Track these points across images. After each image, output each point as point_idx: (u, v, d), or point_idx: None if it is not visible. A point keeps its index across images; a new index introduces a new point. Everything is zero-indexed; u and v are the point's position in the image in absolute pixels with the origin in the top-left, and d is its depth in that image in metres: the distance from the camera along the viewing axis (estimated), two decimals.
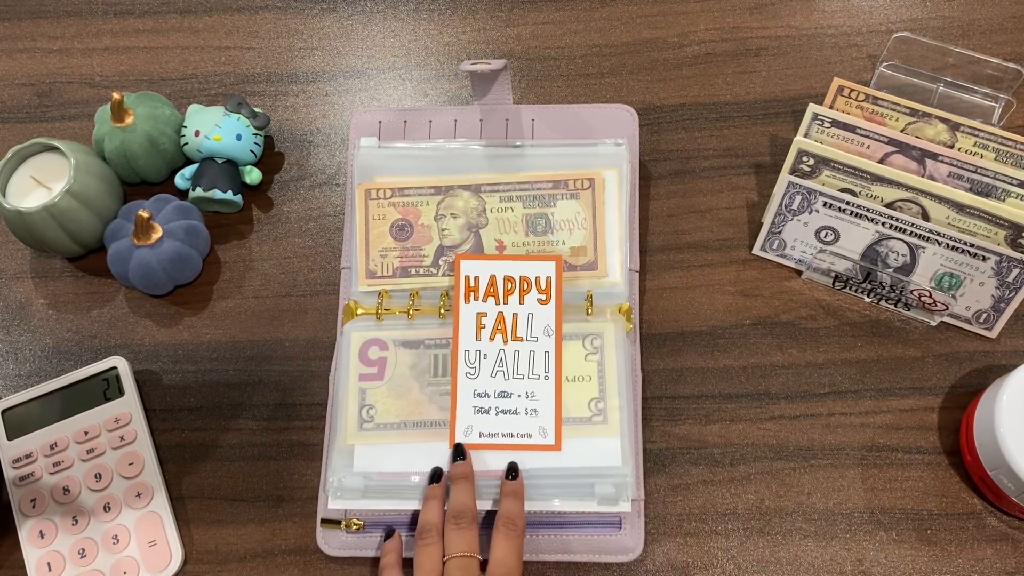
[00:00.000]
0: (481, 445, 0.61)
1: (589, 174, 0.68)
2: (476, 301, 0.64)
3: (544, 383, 0.62)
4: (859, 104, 0.69)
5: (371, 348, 0.65)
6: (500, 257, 0.65)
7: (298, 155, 0.77)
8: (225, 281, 0.72)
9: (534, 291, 0.64)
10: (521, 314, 0.64)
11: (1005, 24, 0.78)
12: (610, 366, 0.63)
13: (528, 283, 0.64)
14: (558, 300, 0.64)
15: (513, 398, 0.62)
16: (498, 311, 0.64)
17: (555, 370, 0.63)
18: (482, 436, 0.61)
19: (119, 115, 0.70)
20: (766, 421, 0.65)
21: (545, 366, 0.63)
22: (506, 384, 0.62)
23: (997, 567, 0.60)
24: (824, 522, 0.62)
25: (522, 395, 0.62)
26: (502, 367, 0.63)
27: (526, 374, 0.63)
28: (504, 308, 0.64)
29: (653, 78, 0.78)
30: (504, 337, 0.63)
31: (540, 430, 0.61)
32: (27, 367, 0.70)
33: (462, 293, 0.64)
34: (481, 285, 0.64)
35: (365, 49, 0.81)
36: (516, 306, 0.64)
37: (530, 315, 0.64)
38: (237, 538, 0.64)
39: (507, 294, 0.64)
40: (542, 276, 0.64)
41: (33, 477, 0.64)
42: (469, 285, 0.64)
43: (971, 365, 0.66)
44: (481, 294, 0.64)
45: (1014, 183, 0.64)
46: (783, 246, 0.69)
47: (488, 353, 0.63)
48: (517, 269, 0.65)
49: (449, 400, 0.63)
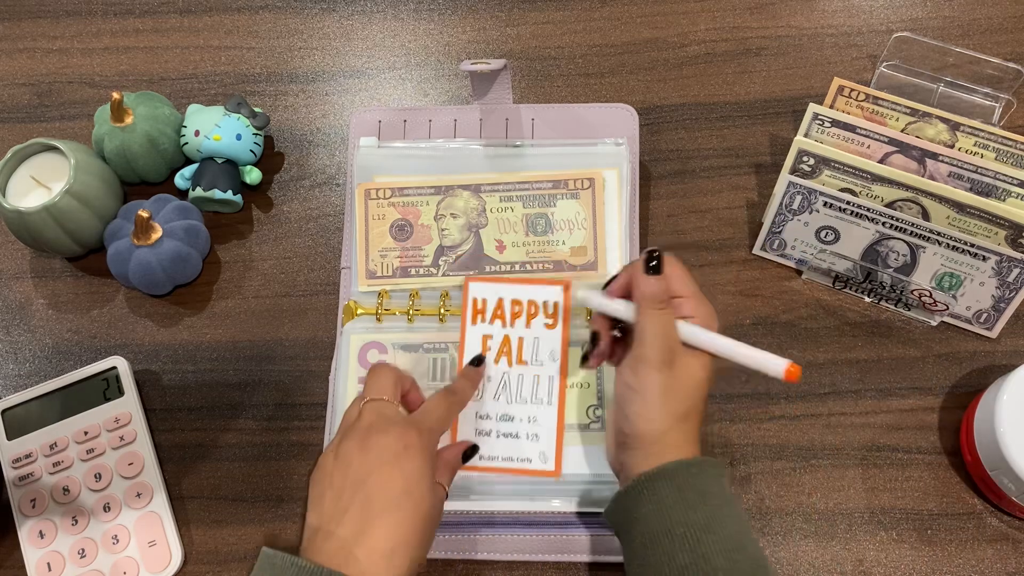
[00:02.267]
0: (481, 468, 0.61)
1: (589, 174, 0.68)
2: (483, 323, 0.64)
3: (547, 408, 0.62)
4: (859, 104, 0.69)
5: (370, 350, 0.65)
6: (508, 280, 0.65)
7: (298, 155, 0.77)
8: (225, 281, 0.72)
9: (541, 315, 0.64)
10: (527, 338, 0.63)
11: (1005, 24, 0.78)
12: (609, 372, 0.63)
13: (536, 307, 0.64)
14: (565, 325, 0.63)
15: (515, 422, 0.62)
16: (504, 334, 0.63)
17: (559, 396, 0.62)
18: (482, 459, 0.61)
19: (119, 115, 0.70)
20: (766, 421, 0.65)
21: (549, 391, 0.62)
22: (509, 407, 0.62)
23: (997, 567, 0.60)
24: (824, 522, 0.62)
25: (524, 419, 0.62)
26: (506, 390, 0.62)
27: (529, 398, 0.62)
28: (510, 331, 0.64)
29: (653, 78, 0.78)
30: (509, 360, 0.63)
31: (541, 455, 0.61)
32: (27, 367, 0.70)
33: (469, 315, 0.64)
34: (488, 307, 0.64)
35: (365, 49, 0.81)
36: (522, 330, 0.63)
37: (536, 339, 0.63)
38: (237, 538, 0.64)
39: (514, 317, 0.64)
40: (550, 301, 0.64)
41: (33, 477, 0.64)
42: (476, 307, 0.64)
43: (971, 365, 0.66)
44: (488, 316, 0.64)
45: (1014, 183, 0.64)
46: (783, 246, 0.69)
47: (492, 375, 0.63)
48: (525, 293, 0.64)
49: None
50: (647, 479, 0.50)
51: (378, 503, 0.49)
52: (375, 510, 0.49)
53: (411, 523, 0.50)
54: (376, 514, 0.49)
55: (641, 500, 0.50)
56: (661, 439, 0.51)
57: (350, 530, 0.49)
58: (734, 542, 0.48)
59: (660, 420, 0.51)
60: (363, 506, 0.49)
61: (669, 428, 0.51)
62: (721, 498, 0.50)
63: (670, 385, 0.52)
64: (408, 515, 0.50)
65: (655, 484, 0.50)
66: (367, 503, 0.49)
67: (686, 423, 0.52)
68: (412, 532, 0.50)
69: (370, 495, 0.50)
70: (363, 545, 0.48)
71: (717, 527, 0.48)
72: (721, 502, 0.50)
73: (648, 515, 0.50)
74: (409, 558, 0.49)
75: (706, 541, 0.47)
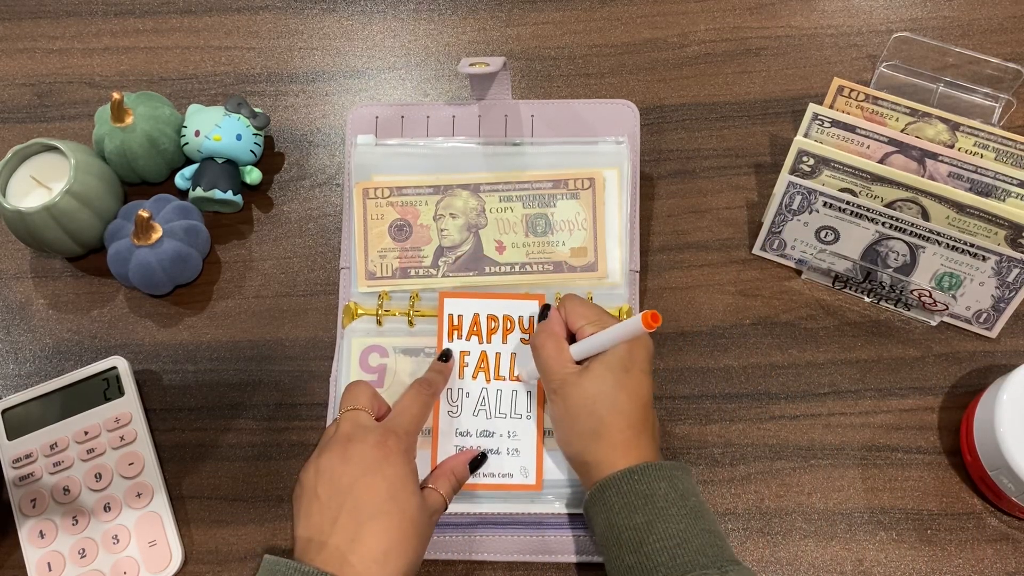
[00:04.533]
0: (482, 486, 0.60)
1: (589, 174, 0.68)
2: (459, 340, 0.64)
3: (526, 422, 0.62)
4: (859, 104, 0.69)
5: (371, 355, 0.65)
6: (484, 296, 0.65)
7: (298, 155, 0.77)
8: (225, 281, 0.72)
9: (517, 331, 0.64)
10: (504, 353, 0.63)
11: (1005, 24, 0.78)
12: None
13: (511, 322, 0.64)
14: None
15: (495, 437, 0.61)
16: (481, 350, 0.63)
17: (536, 410, 0.62)
18: (483, 476, 0.60)
19: (119, 115, 0.70)
20: (766, 421, 0.65)
21: (528, 406, 0.62)
22: (488, 423, 0.62)
23: (997, 567, 0.60)
24: (824, 522, 0.62)
25: (504, 434, 0.61)
26: (484, 406, 0.62)
27: (508, 413, 0.62)
28: (487, 347, 0.63)
29: (653, 78, 0.78)
30: (487, 376, 0.63)
31: (522, 470, 0.61)
32: (27, 367, 0.70)
33: (445, 332, 0.64)
34: (465, 323, 0.64)
35: (365, 49, 0.81)
36: (499, 345, 0.63)
37: (513, 355, 0.63)
38: (237, 538, 0.64)
39: (490, 333, 0.64)
40: (525, 315, 0.64)
41: (33, 477, 0.64)
42: (452, 323, 0.64)
43: (971, 365, 0.66)
44: (464, 333, 0.64)
45: (1014, 183, 0.64)
46: (783, 246, 0.69)
47: (471, 392, 0.62)
48: (501, 308, 0.64)
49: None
50: (597, 490, 0.53)
51: (366, 510, 0.51)
52: (364, 517, 0.50)
53: (399, 527, 0.51)
54: (365, 520, 0.50)
55: (594, 511, 0.54)
56: (595, 457, 0.54)
57: (342, 538, 0.50)
58: (677, 539, 0.50)
59: (574, 444, 0.56)
60: (352, 514, 0.50)
61: (585, 448, 0.55)
62: (668, 498, 0.52)
63: (566, 411, 0.56)
64: (396, 520, 0.51)
65: (604, 494, 0.53)
66: (355, 511, 0.50)
67: (611, 435, 0.54)
68: (402, 536, 0.51)
69: (358, 503, 0.51)
70: (356, 552, 0.49)
71: (660, 526, 0.50)
72: (667, 503, 0.51)
73: (601, 523, 0.53)
74: (402, 561, 0.50)
75: (648, 541, 0.50)
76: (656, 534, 0.50)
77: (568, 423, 0.55)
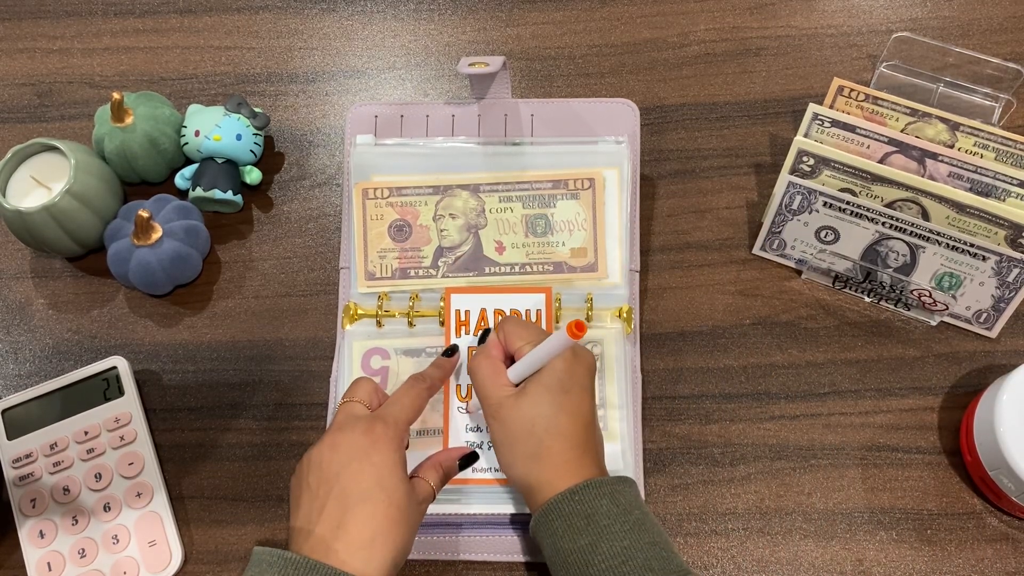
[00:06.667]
0: (473, 480, 0.60)
1: (589, 174, 0.67)
2: (468, 335, 0.64)
3: None
4: (859, 104, 0.69)
5: (373, 357, 0.65)
6: (490, 290, 0.65)
7: (298, 155, 0.77)
8: (225, 281, 0.72)
9: None
10: None
11: (1005, 24, 0.78)
12: (610, 374, 0.63)
13: (518, 316, 0.64)
14: (548, 331, 0.63)
15: None
16: None
17: None
18: (475, 471, 0.60)
19: (119, 115, 0.70)
20: (766, 421, 0.65)
21: None
22: None
23: (997, 567, 0.60)
24: (824, 522, 0.62)
25: None
26: None
27: None
28: None
29: (653, 78, 0.78)
30: None
31: None
32: (27, 367, 0.70)
33: (453, 327, 0.64)
34: (472, 319, 0.64)
35: (365, 49, 0.81)
36: None
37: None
38: (237, 538, 0.64)
39: None
40: (532, 308, 0.64)
41: (33, 477, 0.64)
42: (460, 319, 0.64)
43: (971, 365, 0.66)
44: (472, 328, 0.64)
45: (1014, 183, 0.64)
46: (783, 246, 0.69)
47: None
48: (507, 302, 0.64)
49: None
50: (541, 515, 0.53)
51: (352, 496, 0.51)
52: (350, 503, 0.51)
53: (385, 513, 0.51)
54: (351, 507, 0.51)
55: (540, 536, 0.53)
56: (538, 480, 0.54)
57: (327, 526, 0.50)
58: (622, 556, 0.50)
59: (516, 467, 0.55)
60: (338, 501, 0.51)
61: (527, 471, 0.54)
62: (610, 515, 0.51)
63: (505, 434, 0.55)
64: (382, 506, 0.51)
65: (547, 519, 0.52)
66: (342, 498, 0.51)
67: (551, 458, 0.53)
68: (388, 522, 0.51)
69: (344, 490, 0.51)
70: (341, 539, 0.50)
71: (604, 546, 0.50)
72: (610, 519, 0.51)
73: (548, 548, 0.53)
74: (389, 548, 0.50)
75: (594, 563, 0.50)
76: (601, 555, 0.50)
77: (508, 446, 0.55)
